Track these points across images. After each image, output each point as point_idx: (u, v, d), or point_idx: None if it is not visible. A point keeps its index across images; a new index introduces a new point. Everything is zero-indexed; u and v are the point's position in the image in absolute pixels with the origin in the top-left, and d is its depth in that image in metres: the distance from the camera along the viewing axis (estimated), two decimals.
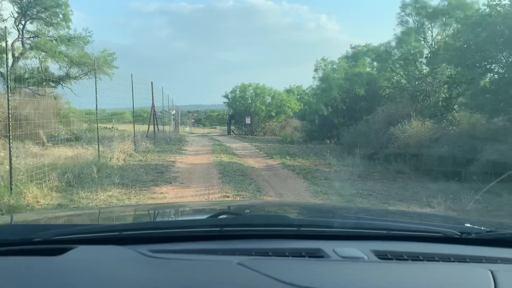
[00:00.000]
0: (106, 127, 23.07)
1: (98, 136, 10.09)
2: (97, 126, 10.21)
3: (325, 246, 1.06)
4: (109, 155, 10.54)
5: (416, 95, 13.94)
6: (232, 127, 33.33)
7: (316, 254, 1.03)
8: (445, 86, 12.00)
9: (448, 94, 11.67)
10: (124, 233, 1.13)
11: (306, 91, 40.29)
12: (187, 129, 32.18)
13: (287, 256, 1.02)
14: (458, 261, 1.05)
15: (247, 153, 14.53)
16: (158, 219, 1.79)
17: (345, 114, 20.29)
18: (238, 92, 31.64)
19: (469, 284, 0.95)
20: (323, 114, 20.16)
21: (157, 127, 17.84)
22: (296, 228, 1.18)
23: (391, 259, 1.03)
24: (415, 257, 1.04)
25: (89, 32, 20.76)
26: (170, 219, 1.78)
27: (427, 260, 1.04)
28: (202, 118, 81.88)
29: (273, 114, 30.69)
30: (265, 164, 11.67)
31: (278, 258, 1.01)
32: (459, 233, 1.20)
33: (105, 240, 1.09)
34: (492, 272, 0.94)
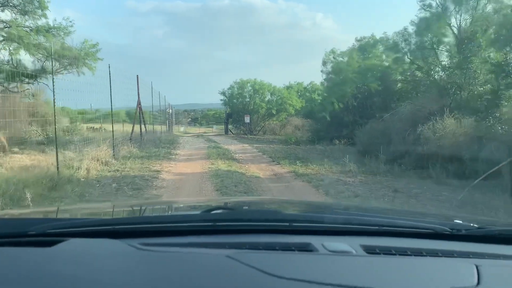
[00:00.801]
0: (93, 127, 20.81)
1: (56, 140, 7.70)
2: (55, 128, 7.84)
3: (315, 240, 1.06)
4: (77, 164, 8.25)
5: (446, 88, 11.74)
6: (230, 127, 31.03)
7: (306, 248, 1.03)
8: (491, 75, 9.78)
9: (495, 86, 9.44)
10: (117, 227, 1.14)
11: (308, 88, 38.20)
12: (182, 129, 29.86)
13: (277, 250, 1.02)
14: (445, 256, 1.05)
15: (249, 158, 12.28)
16: (152, 213, 1.80)
17: (356, 111, 18.08)
18: (235, 89, 29.33)
19: (453, 278, 0.93)
20: (332, 111, 17.93)
21: (145, 127, 15.55)
22: (288, 224, 1.18)
23: (379, 253, 1.03)
24: (403, 252, 1.04)
25: (70, 22, 18.40)
26: (163, 214, 1.79)
27: (415, 255, 1.04)
28: (199, 117, 79.88)
29: (274, 112, 28.43)
30: (271, 172, 9.42)
31: (267, 252, 1.01)
32: (450, 230, 1.20)
33: (98, 233, 1.09)
34: (477, 267, 0.94)
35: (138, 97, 14.13)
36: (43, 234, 1.08)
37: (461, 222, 1.32)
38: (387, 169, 9.78)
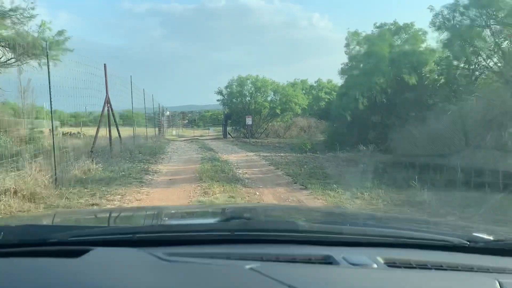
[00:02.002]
0: (70, 132, 17.21)
1: None
2: None
3: (335, 252, 1.03)
4: None
5: None
6: (229, 129, 27.23)
7: (326, 261, 1.01)
8: None
9: None
10: (139, 235, 1.12)
11: (314, 85, 34.52)
12: (174, 132, 26.14)
13: (297, 262, 1.00)
14: (465, 270, 1.03)
15: (258, 176, 8.55)
16: (172, 221, 1.80)
17: (384, 109, 14.41)
18: (234, 87, 25.57)
19: None
20: (354, 110, 14.20)
21: (118, 132, 11.81)
22: (305, 234, 1.16)
23: (399, 266, 1.01)
24: (423, 265, 1.02)
25: (32, 3, 14.62)
26: (183, 222, 1.79)
27: (435, 269, 1.01)
28: (196, 118, 76.31)
29: (278, 111, 24.68)
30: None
31: (289, 264, 0.99)
32: (467, 242, 1.17)
33: (120, 242, 1.07)
34: (499, 282, 0.90)
35: (107, 93, 10.38)
36: (66, 243, 1.04)
37: (478, 234, 1.25)
38: (479, 198, 6.07)
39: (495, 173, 6.73)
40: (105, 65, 10.28)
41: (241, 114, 26.08)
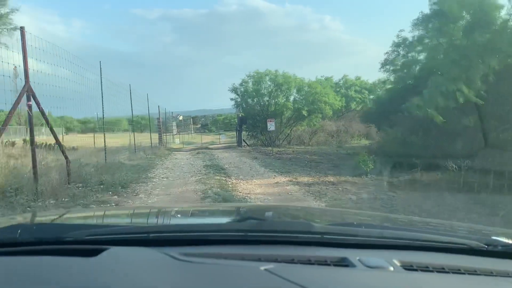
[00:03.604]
0: (45, 143, 13.13)
1: None
2: None
3: (350, 254, 1.00)
4: None
5: None
6: (244, 134, 22.38)
7: (342, 263, 0.97)
8: None
9: None
10: (154, 235, 1.11)
11: (340, 83, 29.50)
12: (178, 140, 21.48)
13: (313, 263, 0.96)
14: (484, 275, 0.97)
15: None
16: (186, 221, 1.76)
17: (479, 109, 9.39)
18: (250, 84, 20.76)
19: None
20: (439, 109, 9.17)
21: (57, 140, 7.06)
22: (320, 236, 1.10)
23: (416, 270, 0.96)
24: (440, 269, 0.97)
25: None
26: (197, 221, 1.77)
27: (453, 272, 0.97)
28: (208, 123, 72.35)
29: (304, 113, 19.73)
30: None
31: (304, 266, 0.95)
32: (485, 246, 1.12)
33: (135, 241, 1.07)
34: None
35: (27, 81, 5.65)
36: (81, 242, 1.03)
37: (497, 238, 1.18)
38: None
39: None
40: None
41: (258, 118, 21.26)
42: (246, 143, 21.31)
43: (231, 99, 21.50)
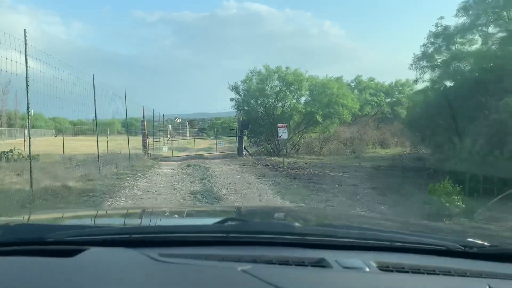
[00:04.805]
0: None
1: None
2: None
3: (328, 255, 1.01)
4: None
5: None
6: (245, 140, 18.78)
7: (319, 264, 0.98)
8: None
9: None
10: (134, 236, 1.10)
11: (352, 85, 26.01)
12: (165, 148, 17.92)
13: (290, 264, 0.97)
14: (458, 275, 0.99)
15: None
16: (167, 222, 1.74)
17: None
18: (254, 81, 17.25)
19: None
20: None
21: None
22: (300, 237, 1.11)
23: (392, 270, 0.97)
24: (416, 270, 0.98)
25: None
26: (178, 223, 1.71)
27: (428, 273, 0.97)
28: (206, 126, 69.14)
29: (319, 118, 16.20)
30: None
31: (282, 267, 0.96)
32: (462, 247, 1.13)
33: (115, 242, 1.05)
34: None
35: None
36: (62, 242, 1.02)
37: (473, 240, 1.19)
38: None
39: None
40: None
41: (262, 122, 17.76)
42: (247, 151, 17.76)
43: (231, 99, 18.01)
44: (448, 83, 11.51)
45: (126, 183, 8.16)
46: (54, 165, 10.29)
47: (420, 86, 13.63)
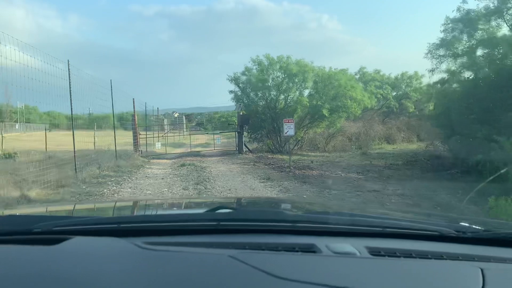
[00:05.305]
0: None
1: None
2: None
3: (319, 241, 0.99)
4: None
5: None
6: (245, 135, 17.35)
7: (309, 249, 0.96)
8: None
9: None
10: (121, 225, 1.08)
11: (357, 78, 24.55)
12: (158, 145, 16.50)
13: (280, 250, 0.95)
14: (450, 259, 0.98)
15: None
16: (156, 212, 1.72)
17: None
18: (255, 72, 15.81)
19: (458, 281, 0.88)
20: None
21: None
22: (291, 224, 1.10)
23: (383, 255, 0.96)
24: (407, 254, 0.97)
25: None
26: (167, 212, 1.69)
27: (419, 258, 0.97)
28: (204, 121, 67.82)
29: (325, 112, 14.80)
30: None
31: (270, 253, 0.94)
32: (455, 232, 1.12)
33: (102, 231, 1.03)
34: (482, 270, 0.88)
35: None
36: (48, 232, 1.01)
37: (466, 224, 1.19)
38: None
39: None
40: None
41: (263, 117, 16.38)
42: (248, 148, 16.39)
43: (230, 91, 16.57)
44: (475, 73, 10.16)
45: (105, 190, 6.76)
46: (29, 165, 8.90)
47: (436, 77, 12.31)
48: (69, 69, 7.51)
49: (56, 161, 9.87)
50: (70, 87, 7.52)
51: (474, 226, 1.16)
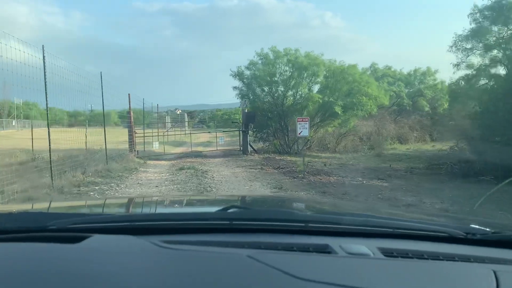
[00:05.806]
0: None
1: None
2: None
3: (332, 242, 0.99)
4: None
5: None
6: (250, 134, 16.06)
7: (323, 250, 0.96)
8: None
9: None
10: (138, 223, 1.08)
11: (368, 73, 23.18)
12: (156, 144, 15.24)
13: (295, 250, 0.96)
14: (462, 261, 0.97)
15: None
16: (171, 210, 1.71)
17: None
18: (261, 66, 14.50)
19: (472, 283, 0.87)
20: None
21: None
22: (304, 224, 1.10)
23: (396, 256, 0.96)
24: (420, 256, 0.97)
25: None
26: (182, 210, 1.68)
27: (432, 259, 0.96)
28: (206, 118, 66.77)
29: (338, 110, 13.49)
30: None
31: (286, 253, 0.94)
32: (464, 234, 1.11)
33: (119, 230, 1.02)
34: (495, 273, 0.86)
35: None
36: (64, 230, 1.00)
37: (476, 226, 1.19)
38: None
39: None
40: None
41: (270, 114, 15.11)
42: (253, 148, 15.10)
43: (234, 87, 15.27)
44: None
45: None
46: (4, 168, 7.66)
47: (461, 72, 10.98)
48: (43, 56, 6.24)
49: (38, 163, 8.65)
50: (45, 78, 6.26)
51: (483, 228, 1.15)
